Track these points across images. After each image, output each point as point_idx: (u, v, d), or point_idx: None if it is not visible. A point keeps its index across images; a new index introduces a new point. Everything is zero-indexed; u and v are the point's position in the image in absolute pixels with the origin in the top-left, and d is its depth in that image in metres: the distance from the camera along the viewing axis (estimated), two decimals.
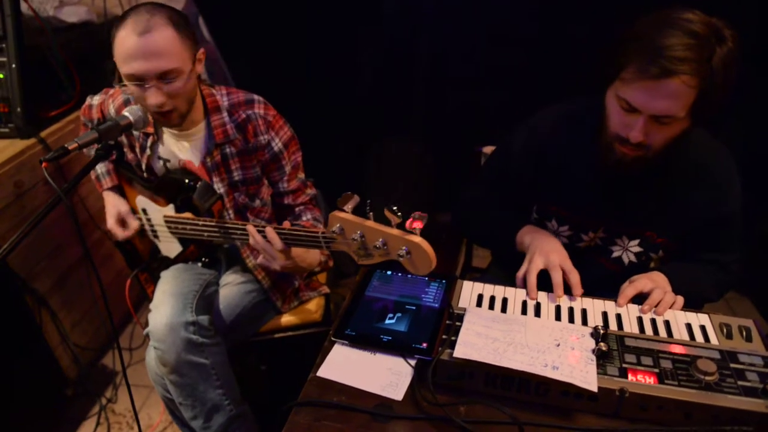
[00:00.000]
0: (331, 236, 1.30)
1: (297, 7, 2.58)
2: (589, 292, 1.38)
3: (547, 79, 2.37)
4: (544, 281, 1.40)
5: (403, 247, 1.16)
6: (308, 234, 1.40)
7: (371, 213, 1.22)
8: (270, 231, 1.45)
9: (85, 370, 2.44)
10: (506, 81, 2.57)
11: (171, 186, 1.68)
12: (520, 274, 1.42)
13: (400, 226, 1.16)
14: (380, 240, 1.19)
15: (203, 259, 1.87)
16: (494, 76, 2.59)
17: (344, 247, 1.30)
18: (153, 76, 1.42)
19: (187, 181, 1.64)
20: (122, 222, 1.80)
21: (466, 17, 2.49)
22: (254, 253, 1.75)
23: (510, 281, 1.43)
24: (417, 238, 1.15)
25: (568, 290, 1.38)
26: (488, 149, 1.95)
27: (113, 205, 1.80)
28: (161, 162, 1.72)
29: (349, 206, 1.22)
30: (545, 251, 1.42)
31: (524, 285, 1.40)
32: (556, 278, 1.37)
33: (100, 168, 1.83)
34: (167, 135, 1.68)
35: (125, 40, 1.40)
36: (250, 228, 1.49)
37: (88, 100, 1.84)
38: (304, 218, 1.77)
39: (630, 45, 1.22)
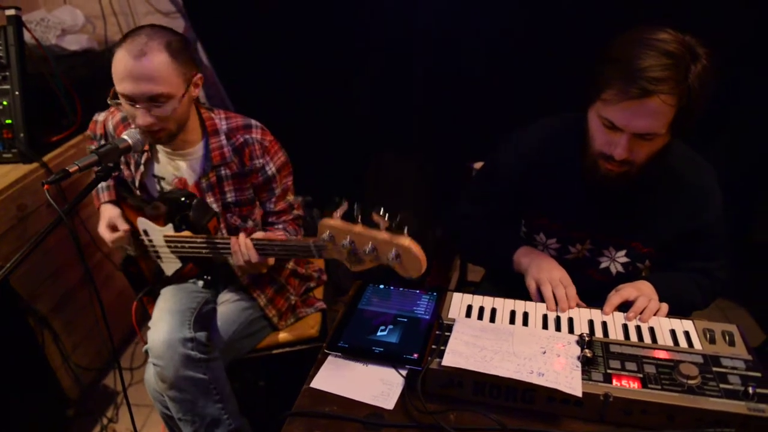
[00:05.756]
0: (322, 244, 1.32)
1: (294, 29, 2.65)
2: None
3: (542, 94, 2.41)
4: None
5: (393, 251, 1.18)
6: (299, 245, 1.44)
7: (359, 216, 1.23)
8: (250, 244, 1.54)
9: (87, 391, 2.46)
10: (502, 96, 2.61)
11: (168, 205, 1.72)
12: (533, 288, 1.47)
13: (389, 229, 1.18)
14: (369, 244, 1.21)
15: (205, 277, 1.89)
16: (490, 91, 2.63)
17: (336, 254, 1.33)
18: (143, 99, 1.47)
19: (183, 198, 1.68)
20: (113, 227, 1.81)
21: (464, 32, 2.53)
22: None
23: (502, 295, 1.46)
24: (406, 240, 1.17)
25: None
26: (479, 165, 1.98)
27: (107, 213, 1.82)
28: (156, 180, 1.76)
29: (337, 213, 1.24)
30: (545, 269, 1.47)
31: (539, 298, 1.44)
32: (560, 294, 1.41)
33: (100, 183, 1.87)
34: (162, 153, 1.72)
35: (121, 60, 1.45)
36: (234, 242, 1.56)
37: (96, 116, 1.91)
38: (275, 227, 1.81)
39: (608, 67, 1.26)
